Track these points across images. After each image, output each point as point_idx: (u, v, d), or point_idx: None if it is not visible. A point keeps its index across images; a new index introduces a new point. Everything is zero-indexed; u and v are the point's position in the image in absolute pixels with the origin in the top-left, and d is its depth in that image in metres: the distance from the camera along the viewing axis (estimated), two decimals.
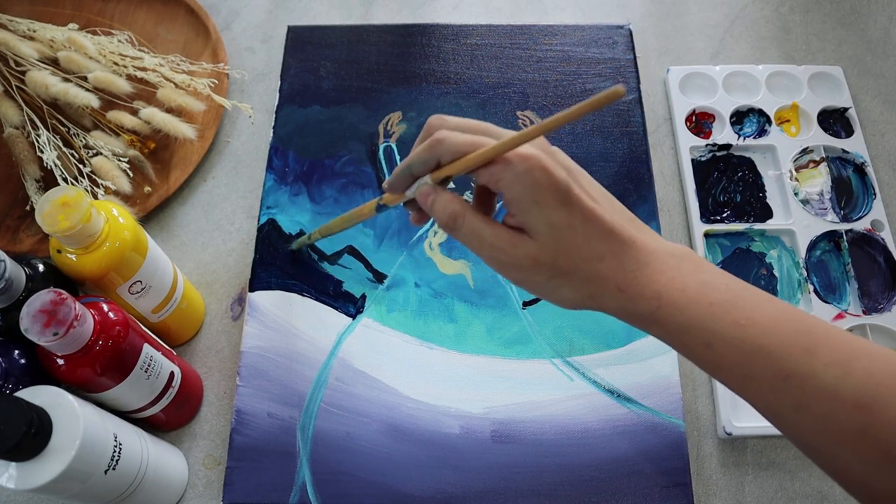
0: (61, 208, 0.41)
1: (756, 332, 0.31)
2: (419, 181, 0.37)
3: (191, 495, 0.50)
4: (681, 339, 0.33)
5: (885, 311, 0.55)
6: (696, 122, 0.65)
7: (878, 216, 0.59)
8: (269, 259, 0.57)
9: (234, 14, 0.73)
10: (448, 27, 0.69)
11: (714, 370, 0.33)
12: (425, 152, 0.35)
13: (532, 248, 0.33)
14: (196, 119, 0.63)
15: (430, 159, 0.35)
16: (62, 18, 0.70)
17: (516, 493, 0.49)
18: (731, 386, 0.33)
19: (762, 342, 0.31)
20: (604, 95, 0.29)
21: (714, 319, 0.32)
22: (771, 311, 0.32)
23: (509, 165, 0.32)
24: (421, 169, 0.36)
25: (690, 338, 0.33)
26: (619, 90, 0.28)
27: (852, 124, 0.64)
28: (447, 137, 0.34)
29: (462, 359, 0.54)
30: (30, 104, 0.60)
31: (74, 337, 0.38)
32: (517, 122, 0.64)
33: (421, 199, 0.36)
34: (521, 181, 0.32)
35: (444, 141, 0.34)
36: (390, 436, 0.51)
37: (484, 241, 0.34)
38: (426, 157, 0.35)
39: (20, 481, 0.36)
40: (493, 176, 0.33)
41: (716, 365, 0.33)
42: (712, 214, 0.60)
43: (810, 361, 0.30)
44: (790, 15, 0.72)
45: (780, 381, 0.31)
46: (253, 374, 0.53)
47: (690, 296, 0.33)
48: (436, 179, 0.35)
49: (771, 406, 0.32)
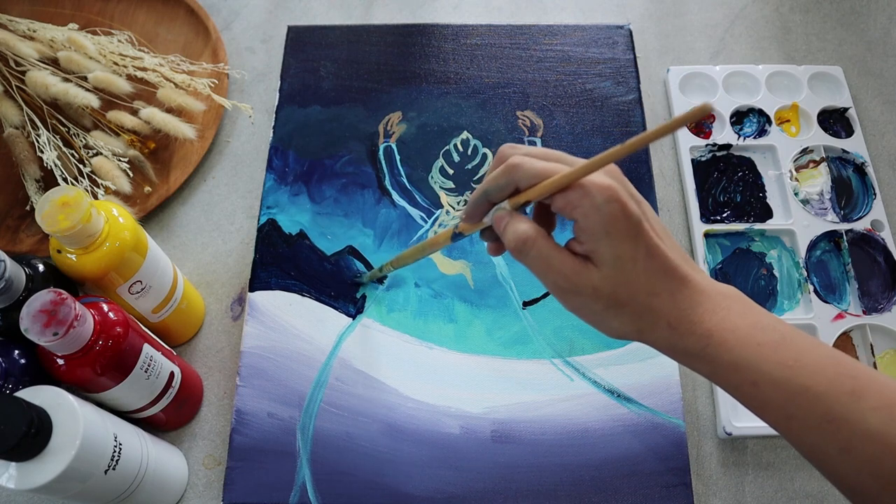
0: (61, 208, 0.41)
1: (802, 373, 0.32)
2: (495, 207, 0.37)
3: (191, 495, 0.50)
4: (727, 377, 0.34)
5: (885, 311, 0.55)
6: (696, 122, 0.65)
7: (878, 216, 0.59)
8: (269, 259, 0.57)
9: (234, 14, 0.73)
10: (448, 27, 0.69)
11: (758, 408, 0.34)
12: (502, 178, 0.35)
13: (595, 278, 0.34)
14: (196, 119, 0.63)
15: (507, 185, 0.35)
16: (62, 18, 0.70)
17: (516, 493, 0.49)
18: (775, 425, 0.34)
19: (808, 383, 0.32)
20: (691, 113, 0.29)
21: (761, 360, 0.33)
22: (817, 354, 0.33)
23: (588, 195, 0.33)
24: (497, 195, 0.36)
25: (737, 376, 0.34)
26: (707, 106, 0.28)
27: (852, 124, 0.64)
28: (523, 162, 0.34)
29: (462, 359, 0.54)
30: (30, 104, 0.60)
31: (74, 337, 0.38)
32: (517, 122, 0.64)
33: (496, 223, 0.37)
34: (598, 212, 0.33)
35: (520, 166, 0.34)
36: (390, 436, 0.51)
37: (550, 267, 0.35)
38: (503, 182, 0.35)
39: (20, 481, 0.36)
40: (570, 203, 0.33)
41: (761, 403, 0.34)
42: (712, 214, 0.60)
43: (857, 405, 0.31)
44: (790, 15, 0.72)
45: (826, 423, 0.31)
46: (253, 374, 0.53)
47: (740, 336, 0.33)
48: (514, 205, 0.35)
49: (815, 447, 0.32)
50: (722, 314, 0.34)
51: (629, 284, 0.34)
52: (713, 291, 0.35)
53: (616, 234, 0.33)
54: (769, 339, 0.33)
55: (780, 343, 0.33)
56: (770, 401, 0.33)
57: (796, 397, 0.32)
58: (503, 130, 0.63)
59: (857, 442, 0.31)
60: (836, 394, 0.31)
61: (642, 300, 0.34)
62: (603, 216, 0.33)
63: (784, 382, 0.32)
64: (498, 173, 0.35)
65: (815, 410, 0.32)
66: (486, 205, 0.37)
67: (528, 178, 0.34)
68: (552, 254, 0.35)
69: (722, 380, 0.35)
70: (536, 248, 0.35)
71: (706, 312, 0.34)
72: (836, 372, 0.32)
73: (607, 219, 0.33)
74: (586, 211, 0.33)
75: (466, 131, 0.63)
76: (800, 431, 0.33)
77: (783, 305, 0.56)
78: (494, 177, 0.36)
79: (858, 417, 0.31)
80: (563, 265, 0.34)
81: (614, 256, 0.33)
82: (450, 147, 0.63)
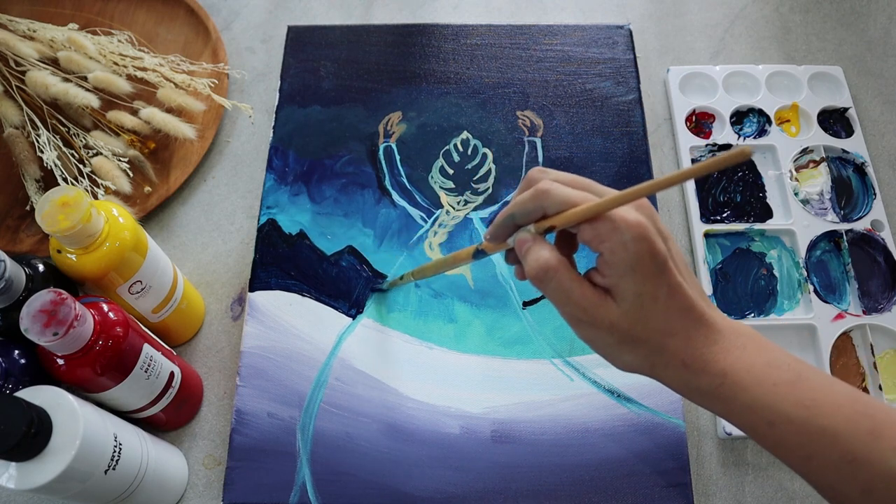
0: (61, 208, 0.41)
1: (820, 413, 0.32)
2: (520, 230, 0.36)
3: (191, 495, 0.50)
4: (743, 417, 0.34)
5: (885, 311, 0.55)
6: (696, 122, 0.65)
7: (878, 216, 0.59)
8: (269, 259, 0.57)
9: (234, 14, 0.73)
10: (448, 27, 0.69)
11: (775, 448, 0.33)
12: (530, 203, 0.35)
13: (614, 313, 0.34)
14: (196, 119, 0.63)
15: (535, 210, 0.35)
16: (62, 18, 0.70)
17: (516, 493, 0.49)
18: (793, 465, 0.33)
19: (826, 423, 0.31)
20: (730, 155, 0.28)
21: (778, 400, 0.32)
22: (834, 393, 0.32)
23: (617, 230, 0.32)
24: (524, 219, 0.36)
25: (753, 416, 0.33)
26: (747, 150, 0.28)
27: (852, 124, 0.64)
28: (553, 189, 0.34)
29: (462, 359, 0.54)
30: (30, 104, 0.60)
31: (74, 337, 0.38)
32: (517, 122, 0.64)
33: (518, 245, 0.36)
34: (625, 249, 0.32)
35: (550, 192, 0.34)
36: (390, 436, 0.51)
37: (570, 300, 0.34)
38: (531, 207, 0.35)
39: (20, 481, 0.36)
40: (598, 237, 0.33)
41: (777, 443, 0.33)
42: (712, 214, 0.60)
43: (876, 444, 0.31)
44: (790, 15, 0.72)
45: (846, 463, 0.31)
46: (253, 374, 0.53)
47: (756, 375, 0.33)
48: (539, 229, 0.35)
49: (835, 488, 0.32)
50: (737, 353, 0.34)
51: (647, 322, 0.33)
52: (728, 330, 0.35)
53: (641, 272, 0.32)
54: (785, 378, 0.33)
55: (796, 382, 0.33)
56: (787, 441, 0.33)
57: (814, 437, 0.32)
58: (503, 130, 0.63)
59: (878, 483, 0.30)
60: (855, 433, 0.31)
61: (658, 339, 0.34)
62: (630, 254, 0.32)
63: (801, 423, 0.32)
64: (526, 198, 0.35)
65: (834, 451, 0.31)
66: (511, 227, 0.37)
67: (556, 204, 0.34)
68: (573, 286, 0.34)
69: (737, 419, 0.34)
70: (557, 278, 0.34)
71: (721, 351, 0.34)
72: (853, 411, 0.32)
73: (634, 257, 0.32)
74: (613, 246, 0.32)
75: (466, 131, 0.63)
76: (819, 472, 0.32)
77: (783, 305, 0.56)
78: (522, 201, 0.35)
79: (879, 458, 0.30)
80: (583, 298, 0.34)
81: (636, 294, 0.33)
82: (450, 147, 0.63)
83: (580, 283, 0.34)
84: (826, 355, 0.53)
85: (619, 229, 0.32)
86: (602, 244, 0.33)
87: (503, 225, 0.37)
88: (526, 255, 0.35)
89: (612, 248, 0.32)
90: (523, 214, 0.35)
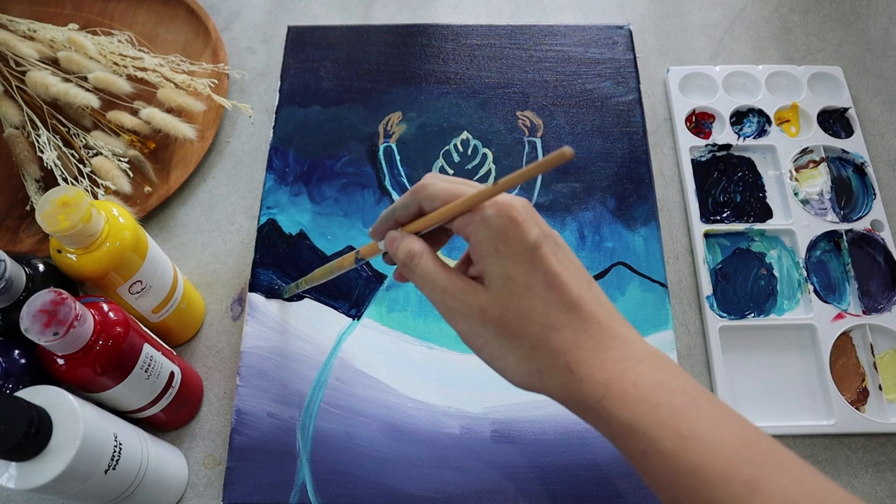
0: (61, 208, 0.41)
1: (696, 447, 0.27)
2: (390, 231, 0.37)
3: (191, 495, 0.50)
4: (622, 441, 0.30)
5: (885, 311, 0.55)
6: (696, 122, 0.65)
7: (878, 216, 0.59)
8: (269, 259, 0.57)
9: (234, 14, 0.73)
10: (448, 27, 0.69)
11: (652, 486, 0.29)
12: (408, 196, 0.35)
13: (482, 298, 0.32)
14: (196, 119, 0.63)
15: (411, 203, 0.35)
16: (62, 18, 0.70)
17: (516, 493, 0.49)
18: None
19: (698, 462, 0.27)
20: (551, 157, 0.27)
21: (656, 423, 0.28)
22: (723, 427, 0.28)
23: (480, 211, 0.31)
24: (403, 213, 0.35)
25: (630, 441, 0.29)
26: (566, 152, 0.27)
27: (852, 124, 0.64)
28: (431, 183, 0.34)
29: (462, 359, 0.54)
30: (30, 104, 0.60)
31: (74, 337, 0.38)
32: (517, 122, 0.64)
33: (388, 243, 0.36)
34: (486, 225, 0.31)
35: (427, 186, 0.34)
36: (390, 436, 0.51)
37: (436, 284, 0.33)
38: (408, 200, 0.35)
39: (20, 481, 0.36)
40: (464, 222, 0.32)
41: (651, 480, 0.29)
42: (712, 214, 0.60)
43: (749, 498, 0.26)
44: (790, 15, 0.72)
45: None
46: (253, 374, 0.53)
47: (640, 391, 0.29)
48: (408, 231, 0.35)
49: None
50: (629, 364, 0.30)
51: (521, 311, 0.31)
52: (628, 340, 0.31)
53: (507, 252, 0.31)
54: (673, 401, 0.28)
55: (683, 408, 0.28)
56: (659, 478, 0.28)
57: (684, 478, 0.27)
58: (503, 130, 0.63)
59: None
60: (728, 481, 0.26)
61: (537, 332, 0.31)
62: (491, 230, 0.31)
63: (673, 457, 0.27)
64: (405, 194, 0.35)
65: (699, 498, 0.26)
66: (391, 222, 0.36)
67: (430, 197, 0.33)
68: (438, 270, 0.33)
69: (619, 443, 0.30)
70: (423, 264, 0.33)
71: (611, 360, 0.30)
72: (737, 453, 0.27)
73: (497, 234, 0.31)
74: (477, 226, 0.31)
75: (466, 131, 0.63)
76: None
77: (783, 305, 0.56)
78: (402, 196, 0.35)
79: None
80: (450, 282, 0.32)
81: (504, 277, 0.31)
82: (450, 147, 0.63)
83: (447, 269, 0.33)
84: (826, 355, 0.53)
85: (483, 209, 0.31)
86: (467, 227, 0.32)
87: (383, 220, 0.37)
88: (395, 250, 0.35)
89: (475, 228, 0.31)
90: (401, 208, 0.35)
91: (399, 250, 0.35)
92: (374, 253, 0.39)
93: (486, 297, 0.32)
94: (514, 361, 0.32)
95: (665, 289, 0.56)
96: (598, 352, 0.30)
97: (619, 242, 0.58)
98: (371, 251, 0.40)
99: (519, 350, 0.31)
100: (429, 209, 0.34)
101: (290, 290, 0.54)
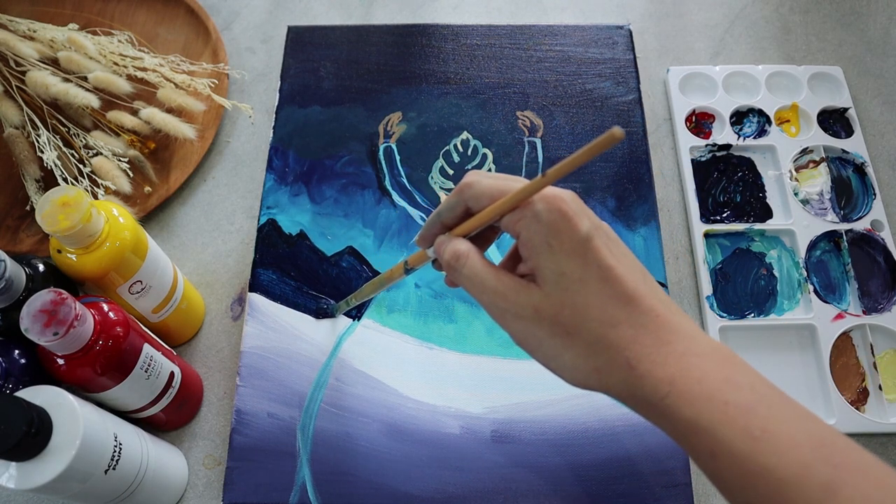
0: (61, 208, 0.41)
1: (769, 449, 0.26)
2: None
3: (191, 495, 0.50)
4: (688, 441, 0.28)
5: (885, 311, 0.55)
6: (696, 122, 0.65)
7: (878, 216, 0.59)
8: (269, 259, 0.57)
9: (234, 14, 0.73)
10: (448, 27, 0.69)
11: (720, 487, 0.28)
12: (453, 197, 0.34)
13: (536, 297, 0.30)
14: (196, 119, 0.63)
15: (458, 204, 0.33)
16: (62, 18, 0.70)
17: (516, 493, 0.49)
18: None
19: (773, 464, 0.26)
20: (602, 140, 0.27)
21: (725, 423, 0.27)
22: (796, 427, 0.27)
23: (530, 205, 0.30)
24: (449, 215, 0.34)
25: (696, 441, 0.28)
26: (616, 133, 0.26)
27: (852, 124, 0.64)
28: (476, 182, 0.32)
29: (462, 359, 0.54)
30: (30, 104, 0.60)
31: (74, 337, 0.38)
32: (517, 122, 0.64)
33: (437, 248, 0.34)
34: (537, 220, 0.30)
35: (472, 185, 0.32)
36: (390, 436, 0.51)
37: (486, 285, 0.31)
38: (453, 201, 0.33)
39: (20, 481, 0.36)
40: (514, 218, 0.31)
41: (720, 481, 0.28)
42: (712, 214, 0.60)
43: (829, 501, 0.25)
44: (790, 15, 0.72)
45: None
46: (253, 374, 0.53)
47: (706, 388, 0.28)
48: (456, 233, 0.34)
49: None
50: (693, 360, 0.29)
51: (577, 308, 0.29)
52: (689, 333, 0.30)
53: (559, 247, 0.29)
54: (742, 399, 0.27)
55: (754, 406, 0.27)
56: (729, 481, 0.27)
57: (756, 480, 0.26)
58: (503, 130, 0.63)
59: None
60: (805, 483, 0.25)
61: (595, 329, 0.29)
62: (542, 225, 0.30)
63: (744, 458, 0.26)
64: (451, 194, 0.34)
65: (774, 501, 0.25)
66: (438, 226, 0.35)
67: (477, 196, 0.32)
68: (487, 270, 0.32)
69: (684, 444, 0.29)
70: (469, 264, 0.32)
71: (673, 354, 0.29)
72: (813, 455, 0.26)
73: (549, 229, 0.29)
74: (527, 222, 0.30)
75: (466, 131, 0.63)
76: None
77: (783, 305, 0.56)
78: (447, 198, 0.34)
79: None
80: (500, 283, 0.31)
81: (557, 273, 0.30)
82: (450, 147, 0.63)
83: (496, 269, 0.32)
84: (826, 355, 0.53)
85: (532, 204, 0.30)
86: (517, 224, 0.31)
87: (431, 225, 0.36)
88: (443, 253, 0.34)
89: (526, 224, 0.30)
90: (447, 210, 0.34)
91: (445, 253, 0.33)
92: (423, 261, 0.38)
93: (540, 296, 0.30)
94: (572, 360, 0.31)
95: (665, 289, 0.56)
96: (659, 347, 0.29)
97: None
98: (420, 259, 0.38)
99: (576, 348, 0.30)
100: (476, 208, 0.33)
101: (340, 307, 0.53)
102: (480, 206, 0.32)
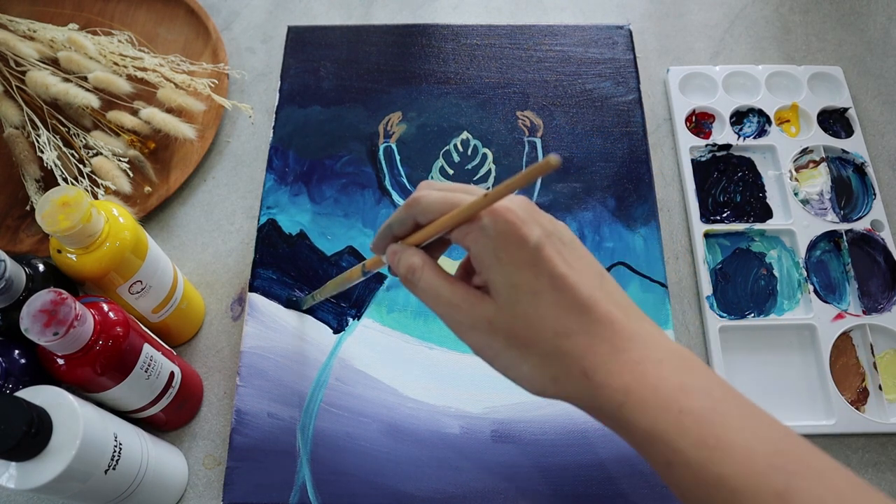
0: (61, 208, 0.41)
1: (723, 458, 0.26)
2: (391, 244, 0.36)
3: (191, 495, 0.50)
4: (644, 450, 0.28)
5: (885, 311, 0.55)
6: (695, 122, 0.65)
7: (878, 216, 0.59)
8: (269, 259, 0.57)
9: (234, 14, 0.73)
10: (448, 27, 0.69)
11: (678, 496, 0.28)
12: (403, 212, 0.34)
13: (489, 309, 0.30)
14: (196, 119, 0.63)
15: (407, 218, 0.33)
16: (62, 18, 0.70)
17: (516, 493, 0.49)
18: None
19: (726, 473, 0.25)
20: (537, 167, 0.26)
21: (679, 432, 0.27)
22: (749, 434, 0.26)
23: (476, 220, 0.30)
24: (399, 228, 0.34)
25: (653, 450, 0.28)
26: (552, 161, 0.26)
27: (852, 124, 0.64)
28: (423, 196, 0.32)
29: (462, 359, 0.54)
30: (30, 104, 0.60)
31: (74, 337, 0.38)
32: (517, 122, 0.64)
33: (389, 258, 0.35)
34: (485, 234, 0.30)
35: (420, 200, 0.32)
36: (390, 436, 0.51)
37: (441, 297, 0.32)
38: (403, 215, 0.34)
39: (20, 481, 0.36)
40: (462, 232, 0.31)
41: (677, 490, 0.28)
42: (712, 214, 0.60)
43: None
44: (790, 15, 0.72)
45: None
46: (253, 374, 0.53)
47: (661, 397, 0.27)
48: (407, 243, 0.35)
49: None
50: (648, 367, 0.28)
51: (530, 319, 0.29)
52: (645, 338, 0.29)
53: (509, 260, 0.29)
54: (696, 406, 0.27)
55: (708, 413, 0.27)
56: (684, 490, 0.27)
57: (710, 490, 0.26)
58: (503, 130, 0.63)
59: None
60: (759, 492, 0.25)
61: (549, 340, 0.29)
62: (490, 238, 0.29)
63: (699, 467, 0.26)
64: (400, 208, 0.34)
65: None
66: (389, 237, 0.35)
67: (424, 211, 0.32)
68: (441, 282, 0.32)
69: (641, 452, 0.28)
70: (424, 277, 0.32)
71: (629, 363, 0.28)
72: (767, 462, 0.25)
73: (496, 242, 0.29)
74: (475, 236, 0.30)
75: (466, 131, 0.63)
76: None
77: (783, 305, 0.56)
78: (397, 211, 0.34)
79: None
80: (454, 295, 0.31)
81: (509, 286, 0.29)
82: (450, 147, 0.63)
83: (451, 280, 0.32)
84: (826, 355, 0.53)
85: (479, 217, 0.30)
86: (465, 238, 0.31)
87: (382, 236, 0.36)
88: (398, 263, 0.34)
89: (474, 238, 0.30)
90: (398, 223, 0.34)
91: (399, 265, 0.33)
92: (379, 265, 0.39)
93: (494, 308, 0.30)
94: (529, 371, 0.31)
95: (665, 289, 0.56)
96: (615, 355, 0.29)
97: (619, 242, 0.58)
98: (376, 263, 0.39)
99: (532, 359, 0.30)
100: (424, 223, 0.33)
101: (307, 301, 0.54)
102: (428, 221, 0.32)
